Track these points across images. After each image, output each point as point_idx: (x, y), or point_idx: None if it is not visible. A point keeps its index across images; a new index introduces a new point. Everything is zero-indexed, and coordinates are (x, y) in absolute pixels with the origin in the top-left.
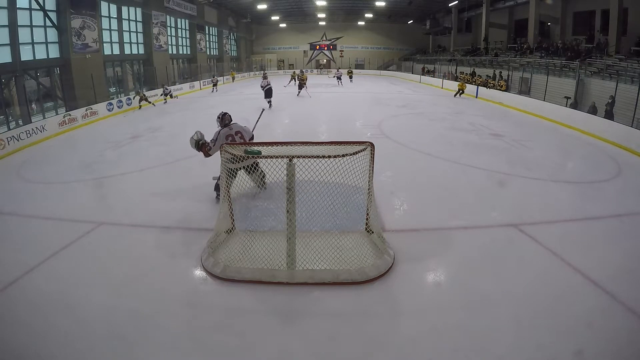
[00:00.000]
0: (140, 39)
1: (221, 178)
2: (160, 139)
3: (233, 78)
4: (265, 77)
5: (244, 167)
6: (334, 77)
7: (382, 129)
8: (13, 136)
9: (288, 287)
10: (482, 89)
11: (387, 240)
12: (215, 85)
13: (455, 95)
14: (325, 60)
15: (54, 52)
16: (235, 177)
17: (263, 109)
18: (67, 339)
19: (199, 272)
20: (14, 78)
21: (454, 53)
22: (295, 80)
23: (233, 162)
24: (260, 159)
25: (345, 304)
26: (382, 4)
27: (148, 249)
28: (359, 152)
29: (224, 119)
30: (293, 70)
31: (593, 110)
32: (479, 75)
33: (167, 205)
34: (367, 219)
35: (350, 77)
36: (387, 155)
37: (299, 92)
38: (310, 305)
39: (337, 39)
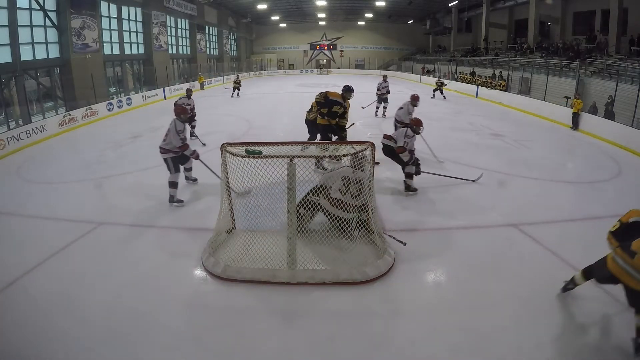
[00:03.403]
0: (140, 39)
1: (222, 179)
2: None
3: (202, 85)
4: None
5: None
6: (378, 101)
7: (382, 129)
8: (13, 136)
9: (288, 287)
10: (482, 89)
11: (387, 240)
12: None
13: (573, 126)
14: (325, 60)
15: (54, 52)
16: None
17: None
18: (67, 338)
19: (199, 272)
20: (14, 78)
21: (454, 53)
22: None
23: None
24: (262, 159)
25: (345, 304)
26: (382, 4)
27: (148, 249)
28: (359, 152)
29: None
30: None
31: (593, 110)
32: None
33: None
34: (367, 219)
35: (440, 90)
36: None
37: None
38: (310, 305)
39: (337, 39)
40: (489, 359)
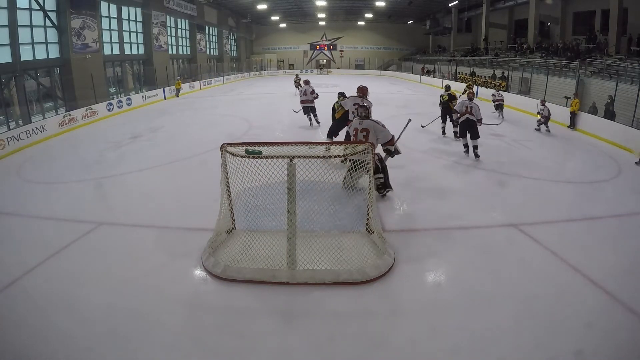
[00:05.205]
0: (140, 39)
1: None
2: (161, 139)
3: (177, 91)
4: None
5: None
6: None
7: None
8: (13, 136)
9: (288, 287)
10: (482, 89)
11: (387, 240)
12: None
13: (570, 125)
14: (325, 61)
15: (54, 52)
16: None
17: (410, 119)
18: (67, 338)
19: (199, 272)
20: (14, 78)
21: (454, 53)
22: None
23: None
24: (262, 159)
25: (345, 304)
26: (382, 4)
27: (148, 249)
28: (359, 152)
29: None
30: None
31: (593, 110)
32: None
33: (167, 205)
34: (367, 219)
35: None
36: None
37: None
38: (310, 305)
39: (337, 39)
40: (489, 359)
